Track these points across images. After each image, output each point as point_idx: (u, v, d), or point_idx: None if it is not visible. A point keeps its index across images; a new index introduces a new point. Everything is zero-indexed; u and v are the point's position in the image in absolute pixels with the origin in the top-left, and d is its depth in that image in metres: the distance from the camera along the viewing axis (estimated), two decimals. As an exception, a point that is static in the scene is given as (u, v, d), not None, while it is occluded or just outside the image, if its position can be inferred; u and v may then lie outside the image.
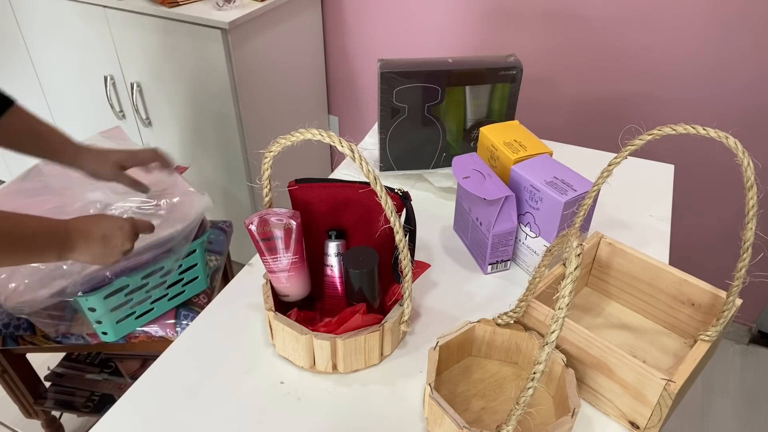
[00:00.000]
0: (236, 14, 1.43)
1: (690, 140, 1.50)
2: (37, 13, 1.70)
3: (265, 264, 0.69)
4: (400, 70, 0.91)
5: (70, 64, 1.76)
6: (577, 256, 0.46)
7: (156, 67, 1.60)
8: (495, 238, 0.79)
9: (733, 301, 0.62)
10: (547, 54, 1.57)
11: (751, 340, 1.76)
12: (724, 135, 0.56)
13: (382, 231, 0.69)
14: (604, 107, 1.58)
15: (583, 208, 0.70)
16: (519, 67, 0.94)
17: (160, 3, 1.47)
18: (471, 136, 1.01)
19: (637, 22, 1.43)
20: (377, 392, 0.67)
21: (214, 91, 1.55)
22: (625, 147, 0.63)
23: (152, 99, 1.68)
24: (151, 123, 1.74)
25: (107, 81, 1.70)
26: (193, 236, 0.99)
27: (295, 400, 0.66)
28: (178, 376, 0.68)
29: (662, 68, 1.46)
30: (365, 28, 1.78)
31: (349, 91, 1.94)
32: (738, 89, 1.41)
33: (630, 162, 1.06)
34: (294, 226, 0.68)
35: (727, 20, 1.34)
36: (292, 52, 1.71)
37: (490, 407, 0.64)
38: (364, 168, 0.57)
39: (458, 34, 1.66)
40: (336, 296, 0.74)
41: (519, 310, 0.65)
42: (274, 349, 0.71)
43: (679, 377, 0.57)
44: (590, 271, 0.78)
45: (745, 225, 0.57)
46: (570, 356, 0.63)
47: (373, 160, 1.04)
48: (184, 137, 1.71)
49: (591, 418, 0.64)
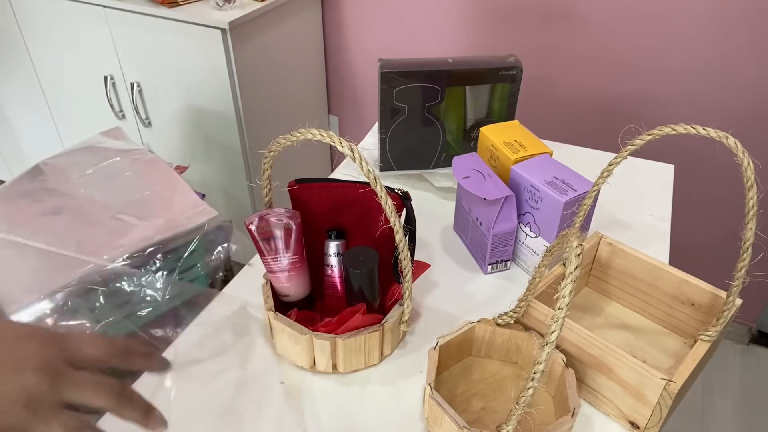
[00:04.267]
0: (236, 14, 1.43)
1: (690, 140, 1.50)
2: (37, 13, 1.70)
3: (265, 264, 0.69)
4: (400, 70, 0.91)
5: (70, 64, 1.76)
6: (577, 256, 0.46)
7: (156, 67, 1.60)
8: (495, 238, 0.79)
9: (733, 301, 0.62)
10: (547, 54, 1.57)
11: (751, 340, 1.76)
12: (724, 135, 0.56)
13: (382, 231, 0.69)
14: (604, 107, 1.58)
15: (583, 208, 0.70)
16: (519, 67, 0.94)
17: (160, 3, 1.47)
18: (471, 136, 1.01)
19: (637, 22, 1.43)
20: (377, 392, 0.67)
21: (214, 91, 1.55)
22: (625, 147, 0.63)
23: (152, 99, 1.68)
24: (151, 123, 1.74)
25: (107, 81, 1.71)
26: (193, 237, 0.99)
27: (295, 400, 0.66)
28: (178, 376, 0.68)
29: (662, 68, 1.46)
30: (365, 28, 1.78)
31: (349, 91, 1.94)
32: (738, 89, 1.41)
33: (630, 162, 1.06)
34: (294, 226, 0.68)
35: (728, 20, 1.34)
36: (292, 52, 1.71)
37: (490, 407, 0.64)
38: (364, 168, 0.57)
39: (458, 34, 1.66)
40: (336, 296, 0.74)
41: (519, 310, 0.65)
42: (274, 349, 0.71)
43: (679, 377, 0.57)
44: (590, 271, 0.78)
45: (745, 225, 0.57)
46: (570, 356, 0.63)
47: (373, 160, 1.04)
48: (184, 137, 1.71)
49: (591, 418, 0.64)
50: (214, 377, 0.68)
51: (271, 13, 1.55)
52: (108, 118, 1.78)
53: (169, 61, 1.56)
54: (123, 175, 1.06)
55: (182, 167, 1.18)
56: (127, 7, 1.50)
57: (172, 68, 1.57)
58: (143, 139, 1.80)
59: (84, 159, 1.08)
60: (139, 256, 0.93)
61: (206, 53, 1.48)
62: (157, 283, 0.99)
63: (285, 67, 1.70)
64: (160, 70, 1.60)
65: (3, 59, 1.91)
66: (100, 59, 1.68)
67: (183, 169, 1.15)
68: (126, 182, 1.05)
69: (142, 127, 1.76)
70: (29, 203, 0.95)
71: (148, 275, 0.96)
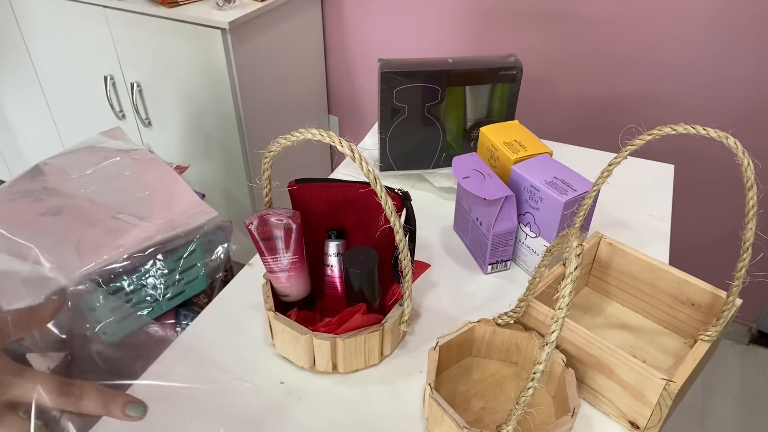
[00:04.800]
0: (236, 14, 1.43)
1: (690, 140, 1.50)
2: (37, 13, 1.70)
3: (265, 264, 0.69)
4: (400, 70, 0.91)
5: (70, 64, 1.76)
6: (577, 256, 0.46)
7: (156, 67, 1.60)
8: (495, 238, 0.79)
9: (733, 301, 0.62)
10: (547, 54, 1.57)
11: (751, 340, 1.76)
12: (724, 135, 0.55)
13: (382, 231, 0.69)
14: (604, 107, 1.58)
15: (583, 208, 0.70)
16: (519, 67, 0.94)
17: (160, 3, 1.47)
18: (471, 136, 1.01)
19: (638, 22, 1.43)
20: (377, 392, 0.67)
21: (214, 91, 1.55)
22: (625, 147, 0.63)
23: (152, 99, 1.68)
24: (151, 123, 1.74)
25: (107, 81, 1.71)
26: (193, 236, 0.99)
27: (295, 400, 0.66)
28: (178, 376, 0.68)
29: (662, 68, 1.46)
30: (365, 28, 1.78)
31: (349, 91, 1.94)
32: (738, 89, 1.41)
33: (630, 162, 1.06)
34: (294, 226, 0.68)
35: (728, 20, 1.34)
36: (292, 52, 1.71)
37: (490, 407, 0.64)
38: (364, 168, 0.57)
39: (458, 34, 1.66)
40: (336, 296, 0.74)
41: (519, 310, 0.65)
42: (274, 349, 0.71)
43: (679, 377, 0.57)
44: (590, 271, 0.78)
45: (745, 225, 0.57)
46: (570, 356, 0.63)
47: (373, 160, 1.04)
48: (184, 137, 1.71)
49: (591, 418, 0.64)
50: (214, 378, 0.68)
51: (271, 13, 1.55)
52: (108, 118, 1.78)
53: (169, 61, 1.56)
54: (123, 175, 1.06)
55: (182, 167, 1.18)
56: (127, 7, 1.50)
57: (172, 68, 1.57)
58: (143, 139, 1.80)
59: (84, 159, 1.08)
60: (139, 256, 0.93)
61: (206, 53, 1.48)
62: (157, 283, 0.99)
63: (285, 67, 1.70)
64: (160, 70, 1.60)
65: (3, 59, 1.91)
66: (100, 59, 1.68)
67: (183, 169, 1.15)
68: (126, 182, 1.05)
69: (142, 127, 1.76)
70: (29, 203, 0.95)
71: (148, 275, 0.96)
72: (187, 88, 1.59)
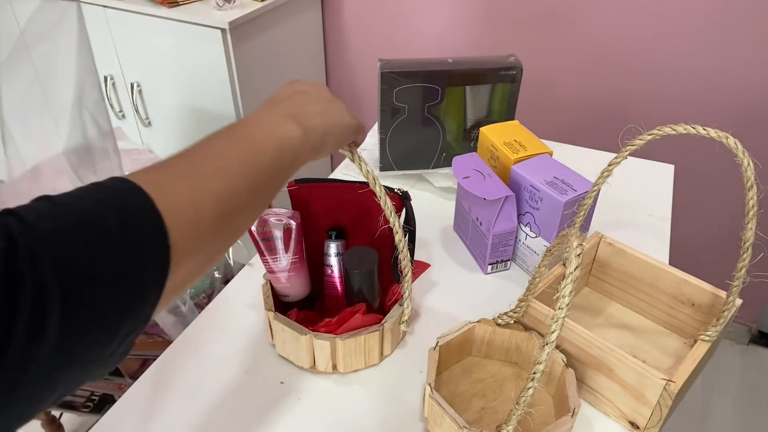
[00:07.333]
0: (236, 14, 1.43)
1: (690, 140, 1.50)
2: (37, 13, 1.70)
3: (265, 264, 0.69)
4: (400, 70, 0.91)
5: (70, 64, 1.76)
6: (577, 256, 0.46)
7: (156, 67, 1.60)
8: (495, 238, 0.79)
9: (733, 301, 0.62)
10: (547, 54, 1.57)
11: (751, 340, 1.76)
12: (724, 135, 0.55)
13: (382, 231, 0.69)
14: (604, 107, 1.58)
15: (583, 208, 0.70)
16: (519, 67, 0.94)
17: (160, 3, 1.47)
18: (471, 136, 1.01)
19: (637, 22, 1.43)
20: (377, 392, 0.67)
21: (214, 91, 1.55)
22: (625, 147, 0.63)
23: (152, 99, 1.68)
24: (151, 123, 1.74)
25: (107, 81, 1.70)
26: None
27: (295, 400, 0.66)
28: (178, 376, 0.68)
29: (662, 68, 1.46)
30: (365, 28, 1.78)
31: (349, 91, 1.94)
32: (738, 89, 1.41)
33: (630, 162, 1.05)
34: (294, 226, 0.68)
35: (728, 20, 1.34)
36: (292, 52, 1.71)
37: (490, 407, 0.64)
38: (363, 168, 0.57)
39: (458, 34, 1.66)
40: (336, 296, 0.74)
41: (519, 310, 0.65)
42: (274, 349, 0.71)
43: (679, 377, 0.57)
44: (590, 271, 0.78)
45: (745, 225, 0.57)
46: (570, 356, 0.63)
47: (373, 161, 1.04)
48: (184, 137, 1.71)
49: (591, 418, 0.64)
50: (214, 377, 0.68)
51: (271, 13, 1.55)
52: (108, 118, 1.78)
53: (169, 61, 1.56)
54: (123, 175, 1.06)
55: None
56: (127, 7, 1.50)
57: (172, 68, 1.57)
58: (143, 139, 1.80)
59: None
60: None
61: (206, 53, 1.48)
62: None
63: (285, 68, 1.70)
64: (160, 70, 1.60)
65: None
66: (100, 59, 1.68)
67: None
68: (126, 182, 1.05)
69: (142, 127, 1.76)
70: (29, 203, 0.95)
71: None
72: (187, 88, 1.59)
